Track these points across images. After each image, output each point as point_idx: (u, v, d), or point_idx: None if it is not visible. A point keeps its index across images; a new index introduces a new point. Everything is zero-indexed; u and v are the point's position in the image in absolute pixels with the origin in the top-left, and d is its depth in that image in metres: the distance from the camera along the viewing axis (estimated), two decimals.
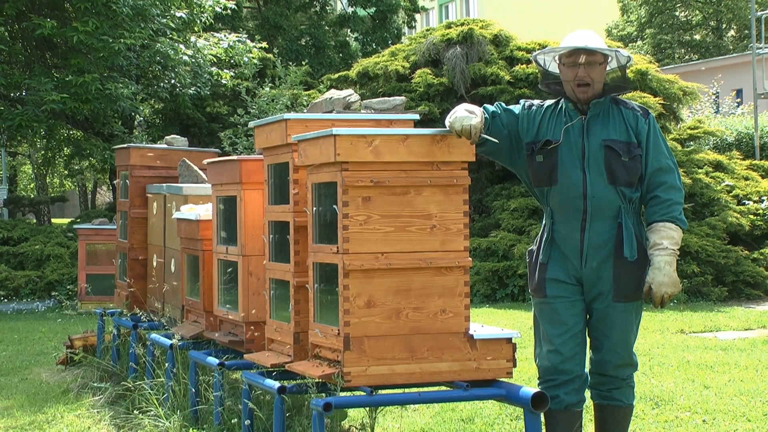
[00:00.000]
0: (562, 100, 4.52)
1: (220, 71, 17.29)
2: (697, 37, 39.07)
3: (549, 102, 4.57)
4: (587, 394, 4.57)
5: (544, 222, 4.56)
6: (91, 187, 30.43)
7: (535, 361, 4.58)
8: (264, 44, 19.12)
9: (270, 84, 16.70)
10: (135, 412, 6.11)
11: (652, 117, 4.49)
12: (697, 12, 38.69)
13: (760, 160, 16.45)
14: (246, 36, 19.07)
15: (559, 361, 4.41)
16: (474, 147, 4.41)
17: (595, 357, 4.52)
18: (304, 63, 18.69)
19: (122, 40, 14.59)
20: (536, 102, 4.60)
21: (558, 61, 4.48)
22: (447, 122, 4.39)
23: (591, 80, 4.37)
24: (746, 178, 14.35)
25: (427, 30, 17.70)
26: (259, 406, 5.21)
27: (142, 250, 7.55)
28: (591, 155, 4.38)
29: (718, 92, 24.00)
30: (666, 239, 4.33)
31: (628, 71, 4.55)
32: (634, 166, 4.38)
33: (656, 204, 4.39)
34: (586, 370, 4.52)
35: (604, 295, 4.41)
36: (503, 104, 4.61)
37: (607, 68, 4.45)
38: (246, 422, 4.99)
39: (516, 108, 4.59)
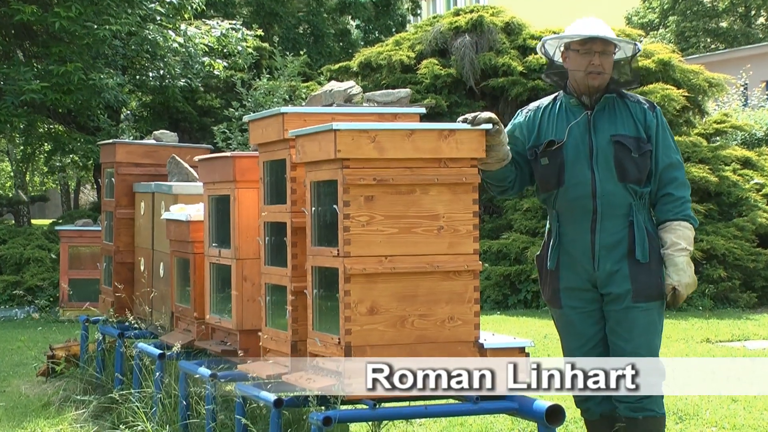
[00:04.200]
0: (561, 95, 4.59)
1: (212, 61, 17.29)
2: (724, 24, 39.03)
3: (545, 102, 4.64)
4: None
5: (548, 226, 4.61)
6: (73, 185, 30.45)
7: None
8: (259, 32, 19.12)
9: (267, 75, 16.70)
10: (121, 426, 6.12)
11: (659, 110, 4.58)
12: None
13: None
14: (240, 23, 19.06)
15: None
16: (484, 143, 4.42)
17: None
18: (302, 53, 18.68)
19: (107, 27, 14.59)
20: (532, 106, 4.70)
21: (564, 49, 4.53)
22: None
23: (603, 70, 4.46)
24: None
25: (434, 17, 17.71)
26: (254, 420, 5.22)
27: (128, 253, 7.55)
28: (599, 152, 4.45)
29: (746, 83, 23.99)
30: (683, 239, 4.43)
31: (635, 63, 4.63)
32: (644, 163, 4.46)
33: (669, 202, 4.47)
34: None
35: (621, 297, 4.44)
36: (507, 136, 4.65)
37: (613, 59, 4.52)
38: None
39: (513, 127, 4.66)
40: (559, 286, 4.54)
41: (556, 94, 4.66)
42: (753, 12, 39.16)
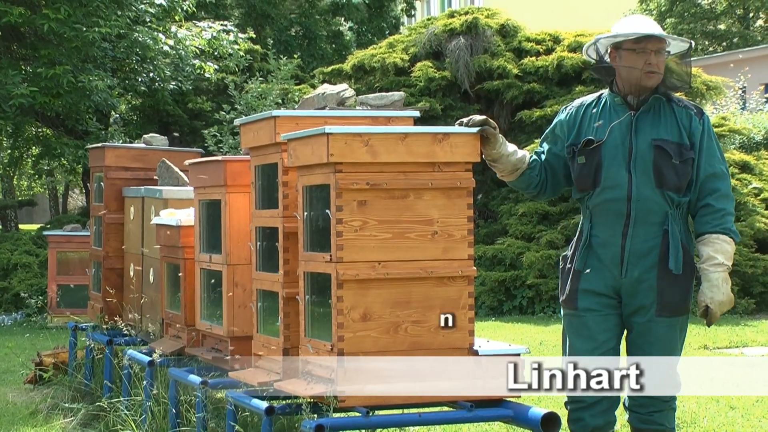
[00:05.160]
0: (606, 94, 4.53)
1: (203, 64, 17.28)
2: (722, 26, 39.11)
3: (589, 99, 4.58)
4: (621, 416, 4.57)
5: (580, 226, 4.54)
6: (62, 190, 30.40)
7: None
8: (251, 34, 19.11)
9: (260, 78, 16.70)
10: None
11: (707, 117, 4.46)
12: None
13: None
14: (232, 25, 19.04)
15: None
16: (479, 146, 4.44)
17: None
18: (296, 56, 18.68)
19: (97, 29, 14.58)
20: (575, 103, 4.62)
21: (614, 48, 4.45)
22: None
23: (659, 69, 4.38)
24: None
25: (428, 19, 17.73)
26: (245, 428, 5.22)
27: (118, 259, 7.55)
28: (638, 155, 4.36)
29: (744, 86, 24.00)
30: (721, 253, 4.31)
31: (689, 64, 4.53)
32: (685, 170, 4.36)
33: (708, 213, 4.36)
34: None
35: (645, 308, 4.38)
36: (549, 136, 4.65)
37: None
38: None
39: (554, 124, 4.64)
40: (578, 287, 4.46)
41: (600, 92, 4.59)
42: (751, 14, 39.23)
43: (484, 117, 4.46)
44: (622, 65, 4.43)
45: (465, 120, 4.47)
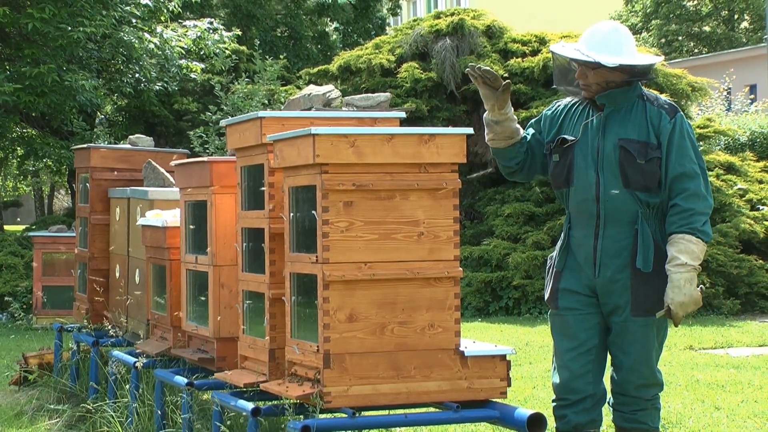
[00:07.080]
0: None
1: (189, 64, 17.25)
2: (707, 28, 39.26)
3: (578, 98, 4.60)
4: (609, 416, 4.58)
5: (563, 227, 4.59)
6: (47, 190, 30.33)
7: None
8: (237, 31, 19.08)
9: (246, 79, 16.67)
10: None
11: (681, 116, 4.43)
12: (708, 1, 38.89)
13: None
14: (218, 22, 19.00)
15: (569, 378, 4.44)
16: (465, 147, 4.45)
17: (616, 376, 4.52)
18: (281, 57, 18.66)
19: (82, 29, 14.54)
20: (565, 100, 4.65)
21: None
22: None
23: (587, 84, 4.44)
24: (760, 182, 14.42)
25: (414, 20, 17.72)
26: (231, 430, 5.21)
27: (103, 260, 7.53)
28: (605, 155, 4.39)
29: (729, 88, 24.11)
30: (684, 254, 4.29)
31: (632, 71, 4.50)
32: (652, 170, 4.35)
33: (675, 213, 4.35)
34: (607, 388, 4.54)
35: (621, 308, 4.41)
36: (534, 123, 4.68)
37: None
38: None
39: (540, 116, 4.68)
40: (558, 287, 4.51)
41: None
42: (736, 16, 39.41)
43: (491, 71, 4.51)
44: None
45: (475, 66, 4.49)
